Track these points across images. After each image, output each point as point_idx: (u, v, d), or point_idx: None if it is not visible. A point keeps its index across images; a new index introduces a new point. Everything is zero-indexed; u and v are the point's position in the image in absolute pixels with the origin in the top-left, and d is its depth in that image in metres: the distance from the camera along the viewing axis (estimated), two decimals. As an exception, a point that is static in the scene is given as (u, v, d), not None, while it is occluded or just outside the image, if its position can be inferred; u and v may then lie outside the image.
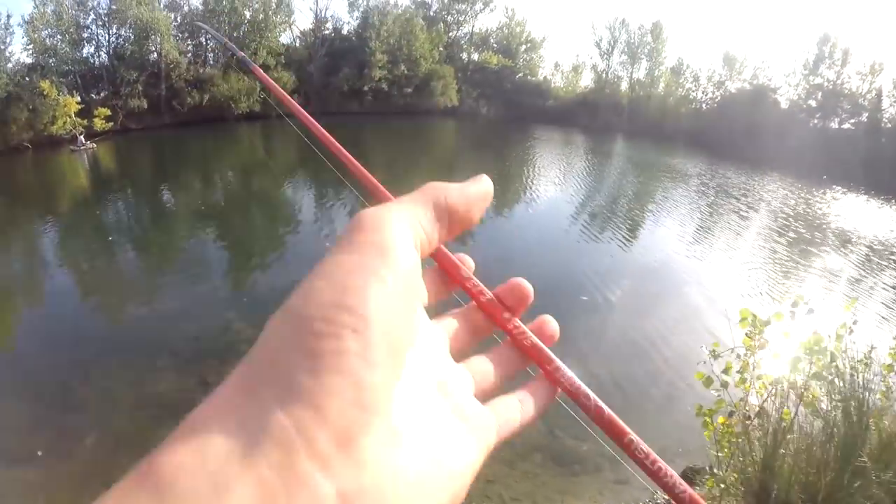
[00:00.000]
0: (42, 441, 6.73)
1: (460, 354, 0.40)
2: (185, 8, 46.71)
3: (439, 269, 0.43)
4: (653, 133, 44.92)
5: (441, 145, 33.36)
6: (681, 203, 19.35)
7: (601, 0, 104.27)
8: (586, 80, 58.34)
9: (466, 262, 0.45)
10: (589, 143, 34.39)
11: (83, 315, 10.73)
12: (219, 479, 0.22)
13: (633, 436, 0.37)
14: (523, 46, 57.11)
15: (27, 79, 37.09)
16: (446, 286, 0.43)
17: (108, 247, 14.60)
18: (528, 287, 0.45)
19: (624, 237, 14.26)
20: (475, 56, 57.33)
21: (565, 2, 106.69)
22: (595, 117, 49.12)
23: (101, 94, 41.81)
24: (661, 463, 0.35)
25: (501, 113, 51.42)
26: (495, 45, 56.67)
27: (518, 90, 54.26)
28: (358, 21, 50.96)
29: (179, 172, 25.57)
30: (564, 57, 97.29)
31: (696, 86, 52.42)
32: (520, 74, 56.62)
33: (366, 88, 47.97)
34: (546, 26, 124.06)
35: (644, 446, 0.36)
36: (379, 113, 46.77)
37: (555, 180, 20.50)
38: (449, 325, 0.41)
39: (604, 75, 55.44)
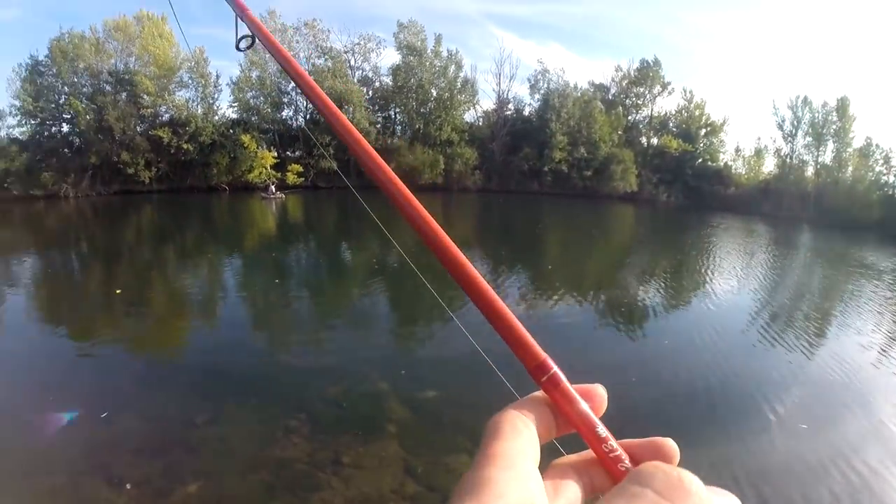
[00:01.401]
0: (143, 469, 6.12)
1: None
2: (377, 83, 52.17)
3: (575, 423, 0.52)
4: (841, 222, 41.98)
5: (617, 230, 32.48)
6: (872, 303, 16.81)
7: (782, 75, 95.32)
8: (769, 166, 55.18)
9: (597, 399, 0.54)
10: (772, 233, 31.75)
11: (238, 349, 10.61)
12: None
13: None
14: (703, 130, 55.30)
15: (231, 131, 43.63)
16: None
17: (281, 288, 15.24)
18: (675, 450, 0.51)
19: (807, 342, 12.14)
20: (654, 140, 56.38)
21: (744, 80, 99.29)
22: (779, 205, 46.92)
23: (296, 153, 47.91)
24: None
25: (681, 200, 50.18)
26: (675, 129, 55.55)
27: (698, 176, 52.40)
28: (539, 103, 53.13)
29: (360, 231, 26.81)
30: (746, 139, 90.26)
31: (887, 168, 47.96)
32: (700, 160, 54.56)
33: (546, 169, 49.08)
34: (726, 107, 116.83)
35: None
36: (557, 194, 47.49)
37: (734, 273, 18.76)
38: (569, 491, 0.48)
39: (787, 160, 52.30)
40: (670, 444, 0.51)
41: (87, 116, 39.31)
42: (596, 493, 0.49)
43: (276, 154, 44.80)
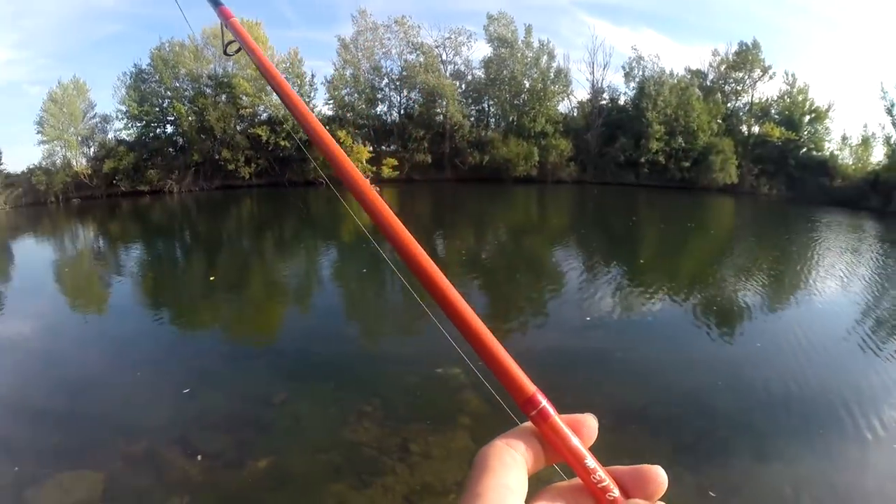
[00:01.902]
0: (217, 444, 6.41)
1: None
2: (469, 77, 52.27)
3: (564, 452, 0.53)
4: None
5: (715, 224, 30.67)
6: None
7: (892, 54, 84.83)
8: (878, 155, 48.80)
9: (585, 431, 0.54)
10: (880, 231, 28.38)
11: (323, 335, 10.96)
12: None
13: None
14: (807, 116, 50.57)
15: (327, 127, 45.29)
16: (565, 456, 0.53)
17: (369, 278, 15.50)
18: (662, 479, 0.51)
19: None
20: (755, 128, 52.43)
21: (849, 60, 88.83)
22: (888, 199, 41.17)
23: (391, 147, 49.31)
24: None
25: (783, 192, 46.54)
26: (776, 116, 51.12)
27: (802, 167, 47.82)
28: (634, 91, 50.95)
29: (454, 222, 27.17)
30: (852, 127, 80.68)
31: None
32: (804, 149, 49.98)
33: (642, 160, 47.30)
34: (830, 91, 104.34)
35: None
36: (654, 186, 45.84)
37: (837, 274, 16.89)
38: None
39: None
40: (657, 473, 0.51)
41: (189, 118, 42.55)
42: None
43: (371, 148, 46.09)
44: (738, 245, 22.44)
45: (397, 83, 50.14)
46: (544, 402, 0.54)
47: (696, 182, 47.44)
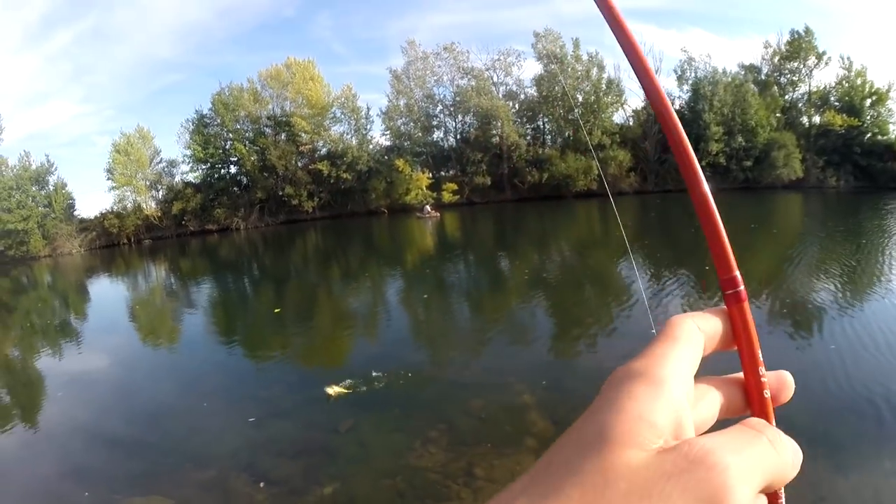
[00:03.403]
0: (282, 470, 6.51)
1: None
2: (522, 96, 52.41)
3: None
4: None
5: (781, 222, 29.32)
6: None
7: None
8: None
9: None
10: None
11: (389, 362, 10.81)
12: None
13: None
14: (868, 100, 47.54)
15: (385, 157, 47.09)
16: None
17: (435, 302, 15.69)
18: (793, 387, 0.58)
19: None
20: (816, 118, 49.95)
21: None
22: None
23: (450, 172, 50.02)
24: None
25: (851, 182, 44.61)
26: (837, 104, 48.46)
27: (868, 153, 45.33)
28: (689, 94, 49.86)
29: (517, 242, 27.16)
30: None
31: None
32: (868, 135, 47.05)
33: (703, 163, 45.92)
34: (888, 71, 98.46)
35: None
36: (718, 190, 44.21)
37: None
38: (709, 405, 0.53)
39: None
40: (791, 380, 0.57)
41: (252, 158, 44.77)
42: (730, 414, 0.54)
43: (430, 175, 46.88)
44: (806, 241, 21.43)
45: (451, 109, 51.04)
46: (742, 286, 0.55)
47: (760, 181, 46.09)
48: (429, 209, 40.18)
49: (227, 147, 45.88)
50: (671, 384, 0.44)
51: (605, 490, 0.36)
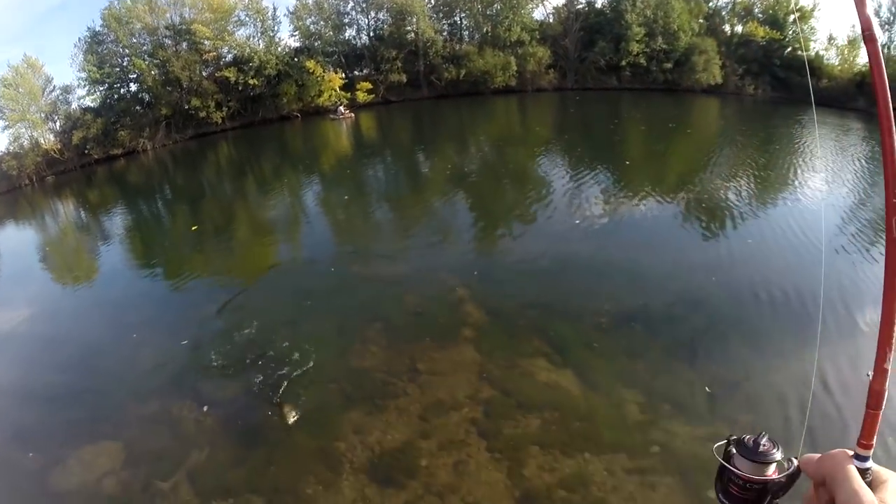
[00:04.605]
0: (226, 389, 6.49)
1: None
2: None
3: None
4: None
5: (699, 125, 30.53)
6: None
7: None
8: (864, 56, 47.97)
9: None
10: (866, 132, 28.18)
11: (316, 266, 10.97)
12: None
13: None
14: (791, 16, 49.37)
15: (295, 59, 44.78)
16: None
17: (357, 203, 15.42)
18: None
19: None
20: (739, 28, 51.27)
21: None
22: (875, 100, 40.92)
23: (364, 71, 48.12)
24: None
25: (769, 92, 46.21)
26: (760, 16, 49.88)
27: (786, 67, 47.18)
28: None
29: (435, 139, 26.81)
30: (840, 28, 79.20)
31: None
32: (788, 49, 49.21)
33: (623, 63, 46.31)
34: None
35: None
36: (637, 89, 45.29)
37: (826, 173, 16.81)
38: None
39: (885, 49, 44.50)
40: None
41: (152, 72, 41.43)
42: None
43: (343, 75, 45.02)
44: (724, 144, 22.27)
45: (363, 5, 48.45)
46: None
47: (680, 83, 46.86)
48: (342, 110, 39.28)
49: (125, 64, 42.19)
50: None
51: None
